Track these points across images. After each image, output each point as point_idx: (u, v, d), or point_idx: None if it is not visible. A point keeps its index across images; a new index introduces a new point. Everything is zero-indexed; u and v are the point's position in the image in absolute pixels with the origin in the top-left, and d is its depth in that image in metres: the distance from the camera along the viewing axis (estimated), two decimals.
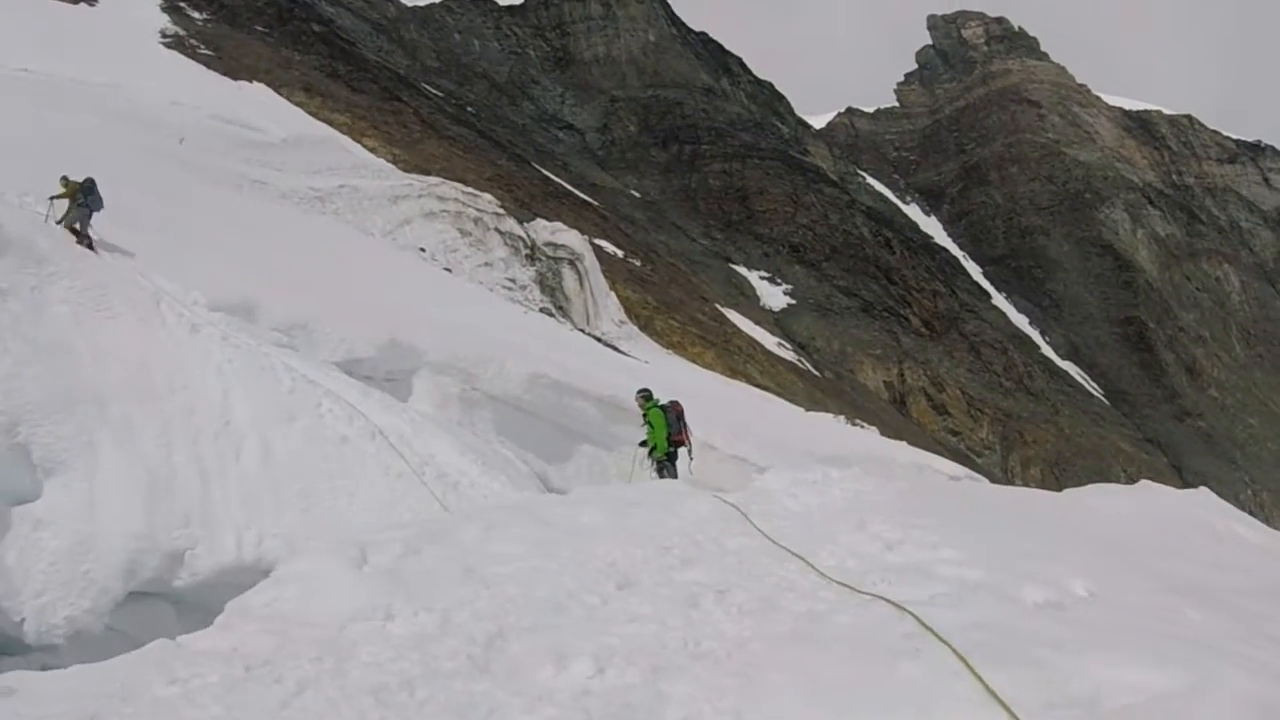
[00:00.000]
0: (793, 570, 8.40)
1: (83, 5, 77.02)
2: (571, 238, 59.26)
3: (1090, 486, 36.81)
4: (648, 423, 16.25)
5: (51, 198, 19.15)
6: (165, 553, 12.00)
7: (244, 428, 13.63)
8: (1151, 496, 27.11)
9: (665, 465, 15.99)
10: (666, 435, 15.88)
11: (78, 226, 18.39)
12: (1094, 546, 9.78)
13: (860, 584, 7.66)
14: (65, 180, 19.39)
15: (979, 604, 6.89)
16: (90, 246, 17.75)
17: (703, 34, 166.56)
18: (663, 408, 16.19)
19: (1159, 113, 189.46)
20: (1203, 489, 30.50)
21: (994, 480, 54.78)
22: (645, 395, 16.62)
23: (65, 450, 12.21)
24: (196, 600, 11.88)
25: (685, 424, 16.35)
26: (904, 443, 50.65)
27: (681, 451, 16.56)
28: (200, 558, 12.13)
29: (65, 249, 16.07)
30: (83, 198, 18.77)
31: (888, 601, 7.08)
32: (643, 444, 16.52)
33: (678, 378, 43.67)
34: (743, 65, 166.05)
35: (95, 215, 18.84)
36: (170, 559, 12.05)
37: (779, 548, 9.04)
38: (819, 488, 11.72)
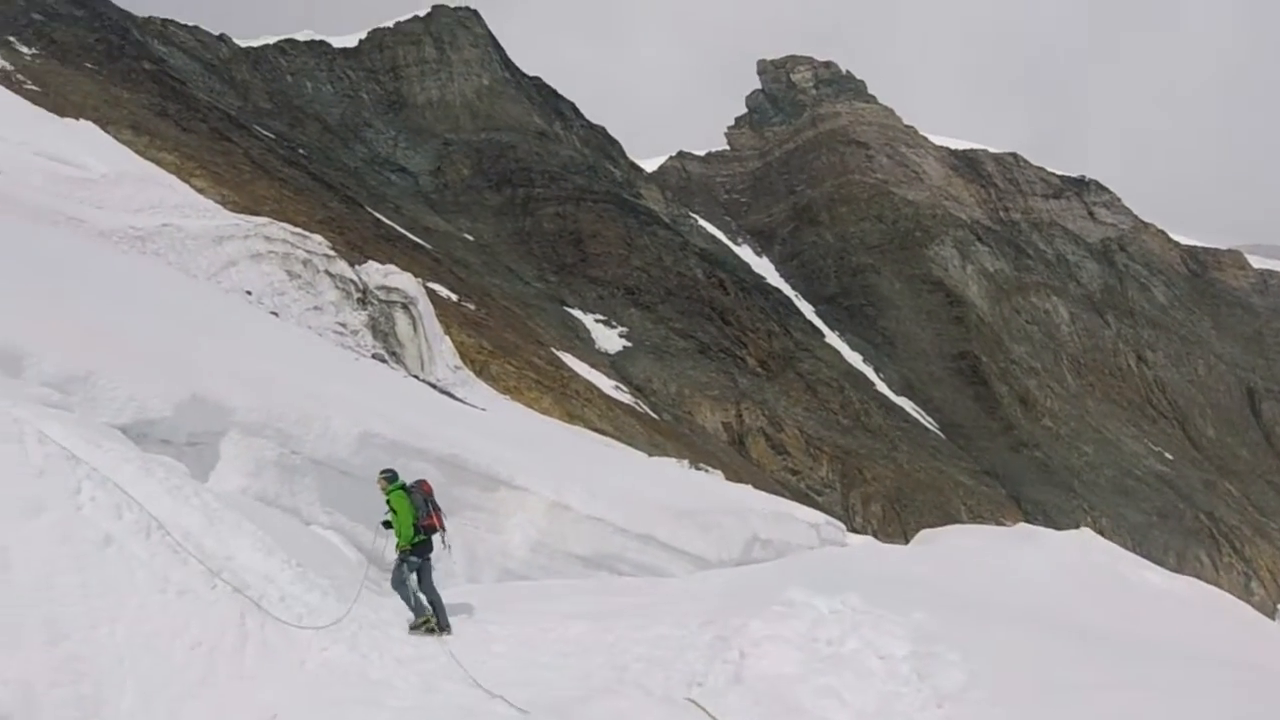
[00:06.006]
0: None
1: None
2: (405, 280, 56.46)
3: (952, 528, 35.98)
4: (391, 509, 13.67)
5: None
6: None
7: None
8: (1042, 542, 26.01)
9: (409, 560, 13.39)
10: (413, 522, 13.41)
11: None
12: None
13: None
14: None
15: None
16: None
17: (536, 78, 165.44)
18: (408, 489, 13.81)
19: (985, 151, 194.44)
20: (1084, 529, 29.65)
21: (838, 518, 53.77)
22: (388, 477, 14.09)
23: None
24: None
25: (435, 506, 13.99)
26: (750, 486, 49.62)
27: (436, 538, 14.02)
28: None
29: None
30: None
31: None
32: (385, 524, 13.91)
33: (517, 423, 41.49)
34: (575, 110, 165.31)
35: None
36: None
37: None
38: (852, 667, 9.24)
